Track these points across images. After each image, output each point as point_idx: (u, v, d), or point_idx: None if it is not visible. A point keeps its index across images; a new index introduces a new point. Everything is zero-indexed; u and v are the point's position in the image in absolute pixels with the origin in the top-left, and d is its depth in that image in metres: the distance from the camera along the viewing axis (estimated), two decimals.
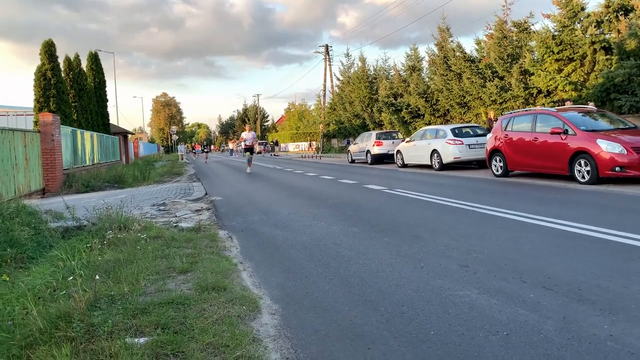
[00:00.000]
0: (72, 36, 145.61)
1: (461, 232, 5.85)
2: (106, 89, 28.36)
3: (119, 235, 5.66)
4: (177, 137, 77.11)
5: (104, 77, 27.99)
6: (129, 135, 41.07)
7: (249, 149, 19.70)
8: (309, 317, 3.32)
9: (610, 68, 15.29)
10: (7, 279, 4.16)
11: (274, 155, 48.18)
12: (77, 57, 23.45)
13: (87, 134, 20.08)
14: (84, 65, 25.24)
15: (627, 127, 10.79)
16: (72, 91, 22.07)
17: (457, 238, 5.48)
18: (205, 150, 39.46)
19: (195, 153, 50.54)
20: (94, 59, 27.09)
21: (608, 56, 15.76)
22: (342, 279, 4.19)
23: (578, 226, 5.63)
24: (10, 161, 11.13)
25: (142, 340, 2.80)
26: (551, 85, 17.37)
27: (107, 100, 28.62)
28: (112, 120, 33.35)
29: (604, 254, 4.47)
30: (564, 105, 14.74)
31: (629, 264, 4.11)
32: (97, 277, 3.71)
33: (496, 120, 15.22)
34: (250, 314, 3.35)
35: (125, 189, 14.54)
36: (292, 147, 56.19)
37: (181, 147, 50.91)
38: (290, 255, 5.18)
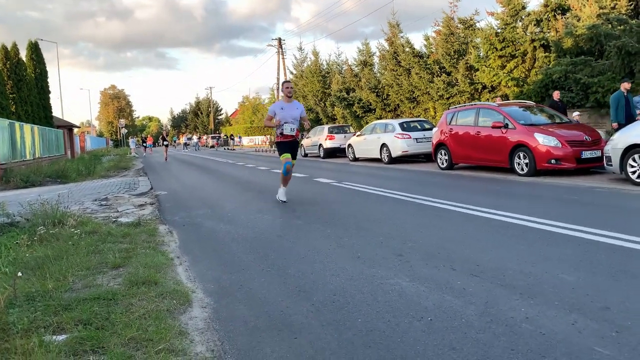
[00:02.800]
0: (10, 24, 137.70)
1: (401, 222, 5.98)
2: (48, 80, 27.14)
3: (51, 231, 5.43)
4: (127, 131, 74.70)
5: (45, 67, 26.77)
6: (75, 129, 39.46)
7: (291, 144, 8.11)
8: (240, 309, 3.30)
9: (548, 65, 15.97)
10: None
11: (229, 149, 47.50)
12: (14, 46, 22.31)
13: (27, 127, 19.12)
14: (23, 55, 24.04)
15: (562, 121, 11.32)
16: (9, 82, 20.98)
17: (396, 228, 5.59)
18: (165, 143, 29.88)
19: (145, 147, 42.37)
20: (34, 48, 25.85)
21: (547, 53, 16.46)
22: (279, 270, 4.19)
23: (512, 216, 5.87)
24: None
25: (60, 337, 2.70)
26: (495, 80, 17.97)
27: (49, 92, 27.41)
28: (57, 112, 32.00)
29: (533, 241, 4.68)
30: (495, 101, 15.18)
31: (553, 250, 4.32)
32: (20, 274, 3.55)
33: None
34: (180, 307, 3.30)
35: (68, 184, 13.96)
36: (246, 141, 55.63)
37: (132, 141, 48.98)
38: (231, 248, 5.13)
